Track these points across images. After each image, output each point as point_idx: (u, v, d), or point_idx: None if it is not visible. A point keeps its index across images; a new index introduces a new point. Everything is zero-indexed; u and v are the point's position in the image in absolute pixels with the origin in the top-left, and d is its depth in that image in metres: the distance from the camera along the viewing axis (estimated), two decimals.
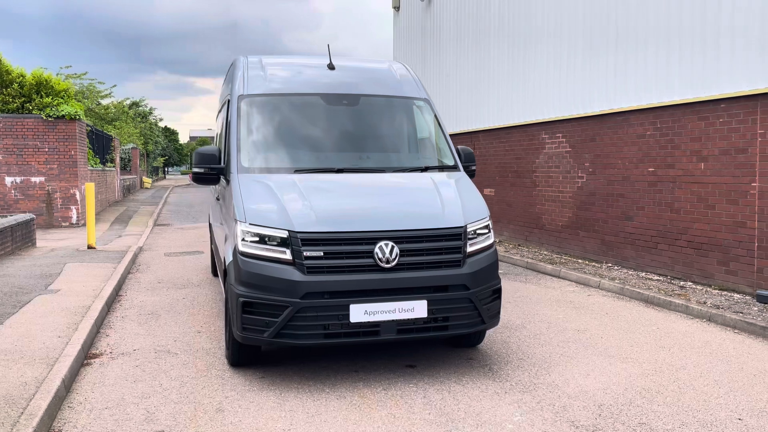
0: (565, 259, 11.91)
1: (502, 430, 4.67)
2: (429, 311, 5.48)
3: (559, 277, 10.74)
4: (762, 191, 8.38)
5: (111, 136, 30.67)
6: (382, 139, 6.98)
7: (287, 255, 5.41)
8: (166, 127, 78.34)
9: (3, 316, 7.48)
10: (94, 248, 13.31)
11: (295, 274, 5.34)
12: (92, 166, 22.81)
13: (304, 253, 5.37)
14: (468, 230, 5.78)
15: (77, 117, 18.42)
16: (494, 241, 6.12)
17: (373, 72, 7.51)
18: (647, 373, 5.88)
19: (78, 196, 18.54)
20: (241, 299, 5.45)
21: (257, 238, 5.54)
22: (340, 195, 5.90)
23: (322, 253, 5.40)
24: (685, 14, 9.46)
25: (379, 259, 5.43)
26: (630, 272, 10.45)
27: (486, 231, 5.99)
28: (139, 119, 52.52)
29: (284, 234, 5.43)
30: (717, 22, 8.93)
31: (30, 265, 11.02)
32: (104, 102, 41.44)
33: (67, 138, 18.40)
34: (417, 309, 5.46)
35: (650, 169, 10.26)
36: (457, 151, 6.97)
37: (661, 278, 9.89)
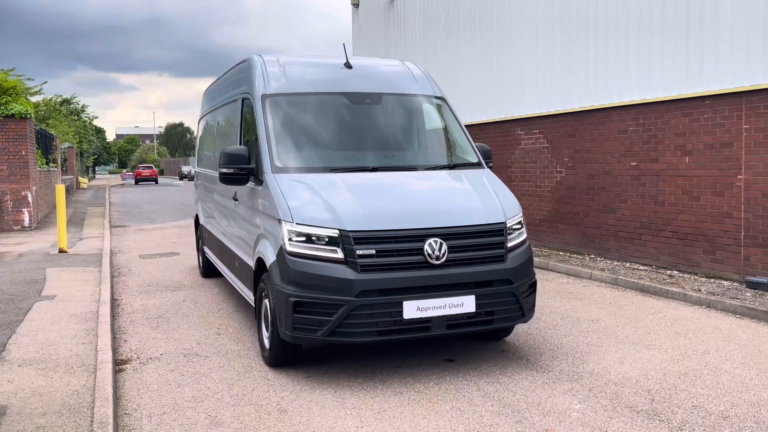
0: (547, 252, 12.25)
1: (568, 417, 4.84)
2: (477, 306, 5.61)
3: (548, 269, 11.05)
4: (748, 183, 8.85)
5: (52, 135, 29.57)
6: (406, 137, 7.07)
7: (339, 254, 5.44)
8: (94, 125, 75.70)
9: (12, 324, 7.22)
10: (66, 252, 12.89)
11: (349, 273, 5.38)
12: (39, 166, 21.98)
13: (357, 252, 5.41)
14: (507, 226, 5.94)
15: (28, 116, 17.74)
16: (527, 236, 6.29)
17: (389, 71, 7.57)
18: (676, 359, 6.17)
19: (30, 198, 17.85)
20: (292, 299, 5.45)
21: (304, 238, 5.55)
22: (383, 194, 5.96)
23: (374, 251, 5.45)
24: (668, 12, 9.87)
25: (429, 256, 5.52)
26: (615, 263, 10.85)
27: (520, 226, 6.15)
28: (72, 117, 50.73)
29: (335, 233, 5.46)
30: (701, 20, 9.36)
31: (8, 271, 10.61)
32: (33, 99, 39.88)
33: (17, 138, 17.68)
34: (466, 304, 5.58)
35: (633, 164, 10.67)
36: (477, 147, 7.12)
37: (647, 268, 10.31)
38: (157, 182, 65.02)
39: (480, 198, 6.08)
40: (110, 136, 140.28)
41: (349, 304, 5.33)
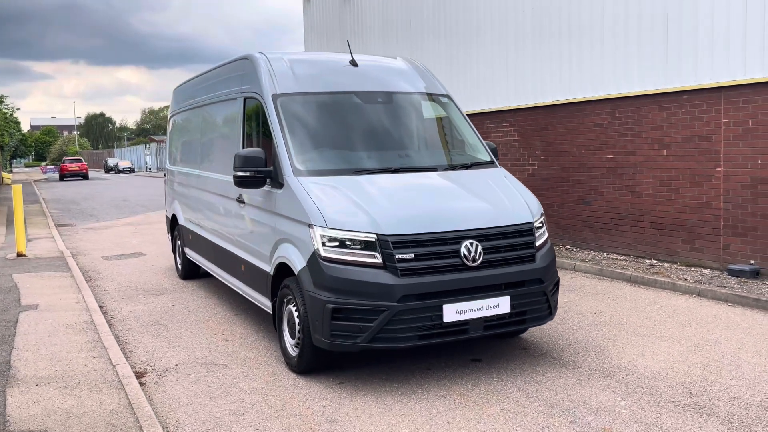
0: None
1: (619, 415, 4.93)
2: (512, 306, 5.64)
3: None
4: (727, 175, 9.21)
5: None
6: (419, 136, 7.02)
7: (377, 259, 5.36)
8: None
9: (5, 338, 6.83)
10: (26, 256, 12.27)
11: (388, 278, 5.31)
12: None
13: (397, 256, 5.35)
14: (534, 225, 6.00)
15: None
16: (548, 235, 6.36)
17: (394, 69, 7.49)
18: (692, 350, 6.37)
19: None
20: (330, 305, 5.34)
21: (337, 243, 5.45)
22: (414, 196, 5.91)
23: (413, 255, 5.40)
24: (645, 8, 10.12)
25: (465, 258, 5.51)
26: (593, 253, 11.12)
27: (542, 225, 6.22)
28: None
29: (372, 237, 5.38)
30: (679, 17, 9.64)
31: None
32: None
33: None
34: (502, 305, 5.60)
35: (609, 156, 10.93)
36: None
37: (625, 257, 10.61)
38: (86, 177, 57.78)
39: (507, 198, 6.10)
40: (25, 127, 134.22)
41: (391, 309, 5.27)
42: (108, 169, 77.20)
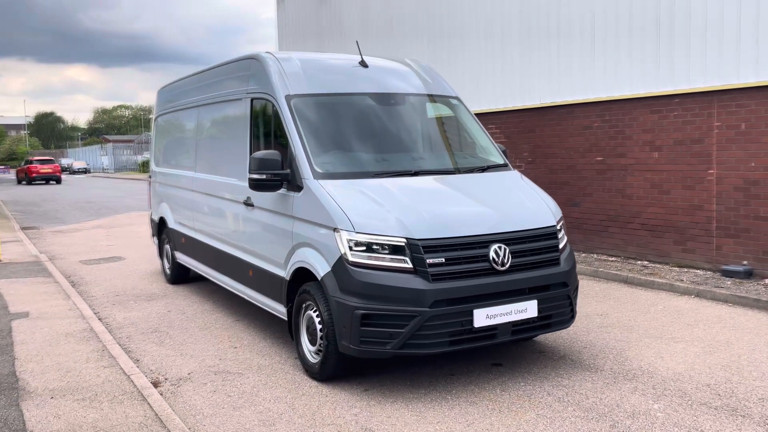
0: None
1: (656, 419, 4.93)
2: (539, 310, 5.61)
3: None
4: (720, 177, 9.36)
5: None
6: (434, 138, 6.97)
7: (408, 263, 5.27)
8: None
9: (3, 348, 6.53)
10: (0, 260, 11.82)
11: (420, 283, 5.22)
12: None
13: (428, 261, 5.27)
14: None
15: None
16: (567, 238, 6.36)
17: (404, 70, 7.42)
18: (708, 351, 6.44)
19: None
20: (359, 311, 5.23)
21: (364, 247, 5.34)
22: (439, 199, 5.83)
23: (443, 260, 5.33)
24: (636, 11, 10.24)
25: (494, 262, 5.46)
26: (583, 254, 11.21)
27: (562, 229, 6.20)
28: None
29: (401, 242, 5.29)
30: (671, 20, 9.77)
31: None
32: None
33: None
34: (529, 309, 5.57)
35: (598, 158, 11.03)
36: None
37: (616, 258, 10.72)
38: (59, 182, 49.51)
39: (530, 201, 6.08)
40: None
41: (423, 315, 5.18)
42: (62, 170, 75.19)
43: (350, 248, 5.36)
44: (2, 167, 78.33)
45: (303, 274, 5.97)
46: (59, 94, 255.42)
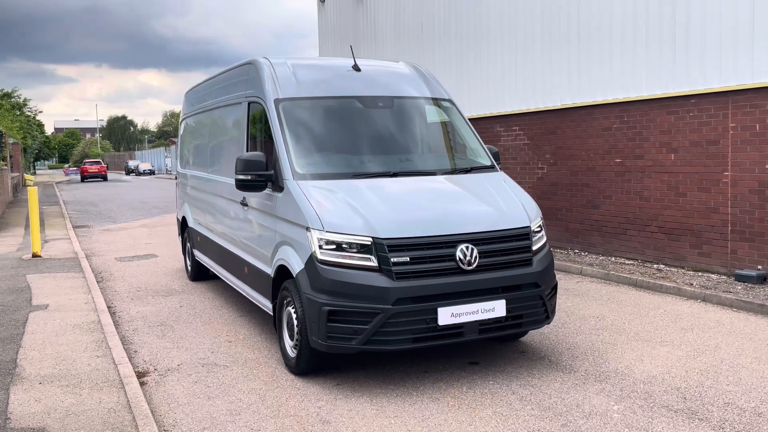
0: None
1: (610, 420, 4.95)
2: (507, 310, 5.67)
3: None
4: (735, 180, 9.15)
5: (2, 131, 28.48)
6: (420, 141, 7.08)
7: (373, 262, 5.42)
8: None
9: (14, 337, 6.98)
10: (40, 257, 12.48)
11: (383, 281, 5.37)
12: None
13: (392, 260, 5.40)
14: (531, 229, 6.02)
15: None
16: (547, 239, 6.38)
17: (397, 73, 7.56)
18: (692, 355, 6.36)
19: None
20: (326, 308, 5.41)
21: (334, 246, 5.52)
22: (411, 200, 5.96)
23: (408, 259, 5.46)
24: (652, 12, 10.10)
25: (461, 262, 5.55)
26: (601, 257, 11.10)
27: (541, 230, 6.24)
28: (15, 112, 48.97)
29: (368, 241, 5.44)
30: (687, 20, 9.61)
31: None
32: None
33: None
34: (497, 308, 5.64)
35: (617, 160, 10.90)
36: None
37: (633, 262, 10.58)
38: (106, 179, 59.92)
39: (504, 202, 6.14)
40: (48, 130, 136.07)
41: (386, 312, 5.32)
42: (128, 172, 78.05)
43: (320, 247, 5.55)
44: (73, 168, 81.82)
45: (284, 272, 6.19)
46: (132, 98, 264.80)
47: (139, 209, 25.27)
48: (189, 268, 10.60)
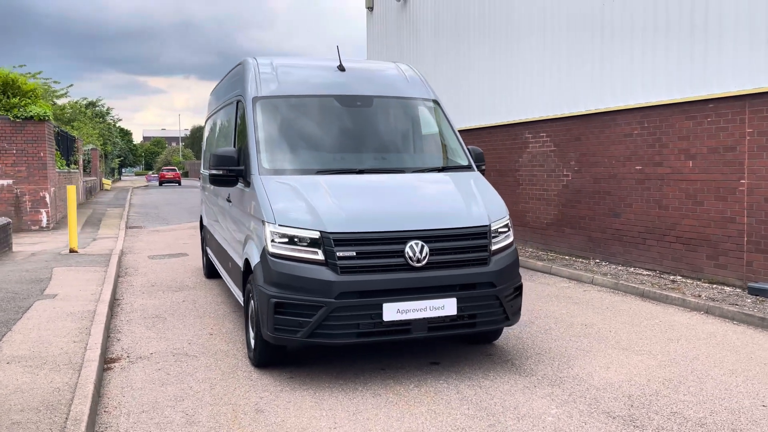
0: (552, 256, 12.17)
1: (542, 422, 4.81)
2: (458, 309, 5.60)
3: (550, 273, 10.97)
4: (751, 188, 8.72)
5: (74, 137, 30.02)
6: (396, 140, 7.07)
7: (319, 255, 5.46)
8: (120, 127, 76.81)
9: (8, 322, 7.34)
10: (77, 252, 13.08)
11: (328, 275, 5.40)
12: (59, 168, 22.32)
13: (337, 254, 5.43)
14: (492, 229, 5.92)
15: (46, 118, 18.01)
16: (513, 240, 6.26)
17: (382, 73, 7.59)
18: (664, 365, 6.09)
19: (48, 199, 18.12)
20: (273, 300, 5.48)
21: (286, 239, 5.58)
22: (367, 195, 5.97)
23: (354, 253, 5.47)
24: (672, 14, 9.77)
25: (410, 258, 5.52)
26: (619, 267, 10.75)
27: (506, 230, 6.12)
28: (97, 120, 51.45)
29: (316, 235, 5.48)
30: (705, 23, 9.25)
31: (17, 270, 10.79)
32: (60, 102, 40.48)
33: (36, 139, 17.96)
34: (447, 307, 5.56)
35: (638, 167, 10.56)
36: (468, 150, 7.11)
37: (650, 273, 10.19)
38: (180, 184, 66.43)
39: (464, 200, 6.06)
40: (137, 138, 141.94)
41: (329, 305, 5.34)
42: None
43: (272, 240, 5.63)
44: (155, 175, 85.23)
45: (249, 265, 6.31)
46: None
47: (194, 212, 26.05)
48: (204, 265, 10.89)
